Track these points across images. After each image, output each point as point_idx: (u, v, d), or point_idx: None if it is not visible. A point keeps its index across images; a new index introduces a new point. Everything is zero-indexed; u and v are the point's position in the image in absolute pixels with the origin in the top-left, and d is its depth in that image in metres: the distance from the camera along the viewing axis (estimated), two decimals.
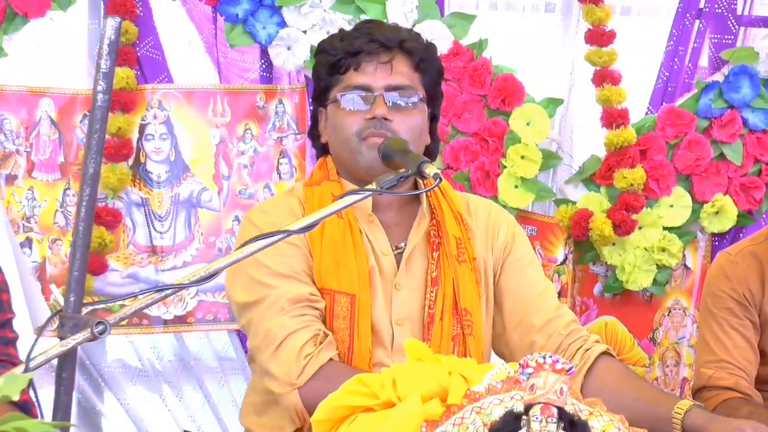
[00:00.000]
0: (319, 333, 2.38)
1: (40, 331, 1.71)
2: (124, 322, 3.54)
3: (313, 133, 2.60)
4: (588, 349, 2.46)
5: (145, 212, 3.72)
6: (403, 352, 2.39)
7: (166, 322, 3.76)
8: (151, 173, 3.72)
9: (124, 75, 3.62)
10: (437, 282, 2.48)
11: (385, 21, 3.52)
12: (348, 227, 2.46)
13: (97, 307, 3.48)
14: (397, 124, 2.44)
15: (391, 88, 2.47)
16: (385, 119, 2.43)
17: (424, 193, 2.51)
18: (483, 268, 2.55)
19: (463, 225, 2.54)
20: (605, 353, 2.47)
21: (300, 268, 2.44)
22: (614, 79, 3.86)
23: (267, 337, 2.38)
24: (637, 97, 4.01)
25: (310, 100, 2.66)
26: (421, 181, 2.48)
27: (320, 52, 2.55)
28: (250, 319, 2.44)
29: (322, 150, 2.59)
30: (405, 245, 2.51)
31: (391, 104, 2.46)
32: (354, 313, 2.42)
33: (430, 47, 2.57)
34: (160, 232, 3.74)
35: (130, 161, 3.71)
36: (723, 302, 2.96)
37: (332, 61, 2.49)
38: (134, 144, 3.71)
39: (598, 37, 3.86)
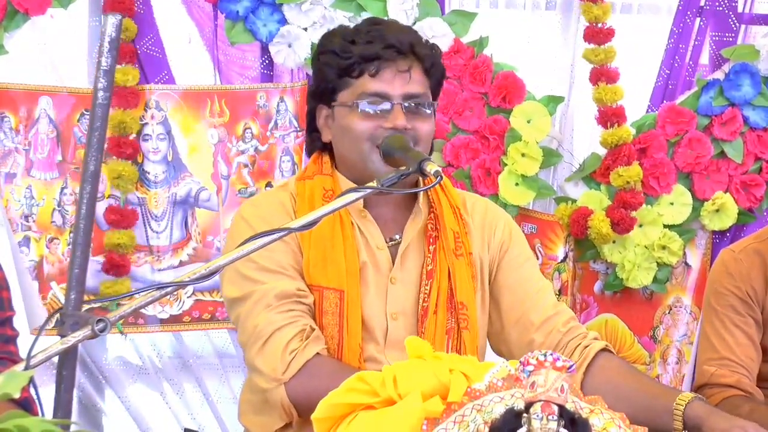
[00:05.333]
0: (306, 328, 2.39)
1: (40, 329, 1.71)
2: (120, 322, 3.54)
3: (313, 132, 2.59)
4: (587, 346, 2.47)
5: (141, 212, 3.72)
6: (397, 347, 2.42)
7: (162, 322, 3.76)
8: (149, 173, 3.72)
9: (126, 72, 3.62)
10: (432, 275, 2.49)
11: (386, 18, 3.52)
12: (338, 222, 2.46)
13: (94, 305, 3.48)
14: (415, 132, 2.44)
15: (408, 97, 2.46)
16: (405, 129, 2.43)
17: (416, 191, 2.51)
18: (479, 264, 2.56)
19: (461, 220, 2.55)
20: (604, 350, 2.47)
21: (287, 263, 2.44)
22: (611, 77, 3.86)
23: (254, 333, 2.39)
24: (637, 95, 4.01)
25: (309, 95, 2.62)
26: (421, 178, 2.48)
27: (327, 52, 2.50)
28: (239, 314, 2.45)
29: (323, 148, 2.58)
30: (399, 237, 2.51)
31: (408, 113, 2.45)
32: (343, 309, 2.42)
33: (436, 50, 2.56)
34: (157, 232, 3.73)
35: None
36: (726, 299, 2.96)
37: (344, 65, 2.46)
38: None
39: (596, 34, 3.86)
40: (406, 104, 2.45)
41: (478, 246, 2.57)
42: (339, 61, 2.47)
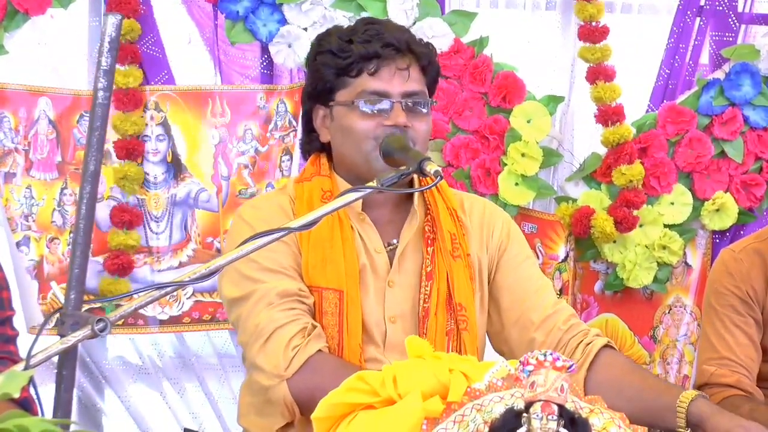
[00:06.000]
0: (308, 325, 2.39)
1: (40, 328, 1.71)
2: (120, 322, 3.54)
3: (310, 133, 2.58)
4: (589, 343, 2.46)
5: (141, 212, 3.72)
6: (397, 350, 2.41)
7: (161, 323, 3.76)
8: (148, 174, 3.72)
9: (128, 74, 3.62)
10: (432, 276, 2.48)
11: (384, 18, 3.52)
12: (338, 224, 2.46)
13: (93, 305, 3.48)
14: (413, 130, 2.44)
15: (407, 95, 2.46)
16: (405, 126, 2.43)
17: (417, 190, 2.51)
18: (477, 265, 2.55)
19: (458, 221, 2.55)
20: (607, 346, 2.47)
21: (288, 264, 2.45)
22: (608, 76, 3.86)
23: (256, 332, 2.39)
24: (637, 95, 4.01)
25: (305, 96, 2.60)
26: (416, 178, 2.48)
27: (324, 52, 2.49)
28: (239, 314, 2.44)
29: (321, 149, 2.57)
30: (397, 242, 2.51)
31: (407, 111, 2.45)
32: (342, 309, 2.42)
33: (432, 48, 2.56)
34: (156, 233, 3.73)
35: None
36: (726, 299, 2.96)
37: (343, 64, 2.45)
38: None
39: (591, 33, 3.86)
40: (405, 102, 2.45)
41: (476, 247, 2.56)
42: (337, 61, 2.46)
